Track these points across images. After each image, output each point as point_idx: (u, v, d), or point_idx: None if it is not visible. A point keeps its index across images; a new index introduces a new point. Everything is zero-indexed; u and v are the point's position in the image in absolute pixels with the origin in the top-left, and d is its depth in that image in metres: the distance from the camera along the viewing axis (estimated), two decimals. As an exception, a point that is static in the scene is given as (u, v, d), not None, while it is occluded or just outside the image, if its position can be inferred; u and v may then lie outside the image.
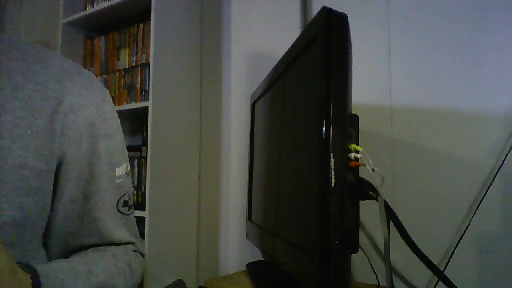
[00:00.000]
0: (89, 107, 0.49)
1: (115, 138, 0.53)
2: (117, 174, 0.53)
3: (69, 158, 0.48)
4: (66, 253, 0.53)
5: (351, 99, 0.58)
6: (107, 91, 0.55)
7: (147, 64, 1.29)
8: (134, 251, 0.57)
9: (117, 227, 0.54)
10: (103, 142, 0.51)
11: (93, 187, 0.51)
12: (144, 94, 1.30)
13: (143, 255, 0.59)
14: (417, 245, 0.68)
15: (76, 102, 0.48)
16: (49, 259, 0.53)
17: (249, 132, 1.17)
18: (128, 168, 0.57)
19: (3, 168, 0.42)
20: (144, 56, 1.31)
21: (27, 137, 0.44)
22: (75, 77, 0.49)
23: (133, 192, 0.59)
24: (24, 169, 0.43)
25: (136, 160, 1.33)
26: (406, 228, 0.66)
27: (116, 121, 0.55)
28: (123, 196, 0.55)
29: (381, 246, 0.94)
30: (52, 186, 0.48)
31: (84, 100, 0.49)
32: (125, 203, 0.56)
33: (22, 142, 0.43)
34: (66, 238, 0.52)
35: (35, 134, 0.44)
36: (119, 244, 0.55)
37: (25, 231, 0.46)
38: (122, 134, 0.56)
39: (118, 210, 0.54)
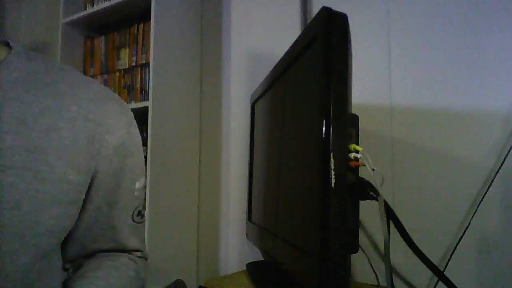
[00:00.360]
0: (121, 130, 0.55)
1: (137, 156, 0.59)
2: (136, 187, 0.59)
3: (101, 173, 0.54)
4: (81, 255, 0.58)
5: (351, 99, 0.58)
6: (132, 113, 0.60)
7: (147, 64, 1.29)
8: (140, 257, 0.63)
9: (130, 236, 0.60)
10: (129, 159, 0.57)
11: (116, 198, 0.56)
12: (144, 94, 1.30)
13: (146, 259, 0.65)
14: (417, 245, 0.68)
15: (111, 124, 0.54)
16: (64, 259, 0.57)
17: (249, 132, 1.17)
18: (145, 182, 0.62)
19: (48, 182, 0.46)
20: (144, 56, 1.31)
21: (70, 155, 0.49)
22: (111, 102, 0.55)
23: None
24: (65, 183, 0.48)
25: (136, 160, 1.33)
26: (406, 228, 0.66)
27: (139, 140, 0.61)
28: (138, 206, 0.61)
29: (381, 246, 0.94)
30: (84, 197, 0.53)
31: (117, 123, 0.55)
32: (139, 213, 0.61)
33: (66, 159, 0.48)
34: (85, 242, 0.57)
35: (77, 152, 0.49)
36: (130, 250, 0.61)
37: (56, 238, 0.51)
38: (142, 151, 0.63)
39: (133, 219, 0.60)
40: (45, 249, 0.49)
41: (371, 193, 0.59)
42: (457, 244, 0.83)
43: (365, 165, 0.57)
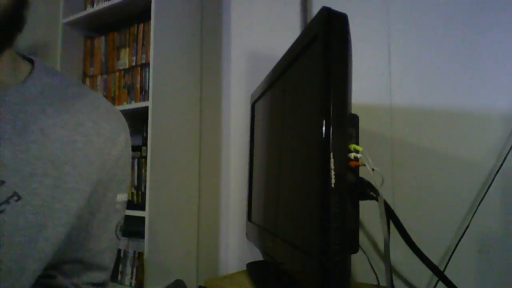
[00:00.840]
0: (121, 144, 0.59)
1: (126, 170, 0.62)
2: (117, 200, 0.61)
3: (101, 182, 0.56)
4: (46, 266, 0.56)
5: (351, 99, 0.58)
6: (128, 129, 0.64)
7: (147, 64, 1.29)
8: (99, 285, 0.61)
9: (106, 250, 0.60)
10: (119, 172, 0.60)
11: (99, 207, 0.58)
12: (144, 94, 1.30)
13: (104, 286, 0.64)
14: (417, 245, 0.68)
15: (116, 139, 0.58)
16: None
17: (249, 132, 1.17)
18: (126, 199, 0.63)
19: (62, 189, 0.49)
20: (144, 56, 1.31)
21: (83, 166, 0.52)
22: (117, 118, 0.60)
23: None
24: (76, 192, 0.51)
25: (136, 160, 1.33)
26: (406, 228, 0.66)
27: (130, 157, 0.64)
28: (120, 221, 0.62)
29: (381, 246, 0.94)
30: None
31: (120, 138, 0.59)
32: (121, 228, 0.62)
33: (79, 169, 0.52)
34: (58, 249, 0.55)
35: (88, 164, 0.53)
36: (99, 267, 0.59)
37: (57, 245, 0.52)
38: (131, 166, 0.65)
39: (116, 234, 0.60)
40: (50, 256, 0.50)
41: (371, 193, 0.59)
42: (457, 244, 0.83)
43: (365, 165, 0.57)
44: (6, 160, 0.45)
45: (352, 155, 0.56)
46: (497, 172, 0.81)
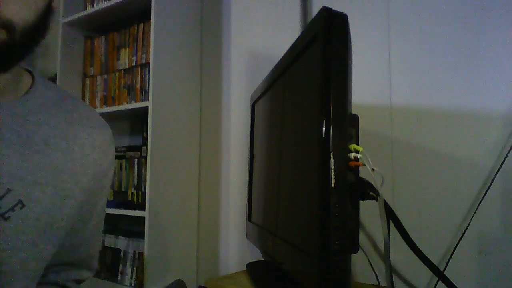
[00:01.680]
0: (111, 154, 0.63)
1: (111, 180, 0.66)
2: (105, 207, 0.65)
3: (92, 191, 0.59)
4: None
5: (351, 99, 0.58)
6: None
7: (147, 64, 1.29)
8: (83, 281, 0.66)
9: (95, 255, 0.65)
10: (107, 181, 0.63)
11: (91, 215, 0.61)
12: (144, 94, 1.30)
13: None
14: (417, 245, 0.68)
15: (106, 150, 0.61)
16: None
17: (249, 132, 1.17)
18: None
19: (59, 197, 0.52)
20: (144, 56, 1.31)
21: (79, 175, 0.55)
22: (107, 131, 0.63)
23: None
24: (72, 199, 0.54)
25: (136, 160, 1.33)
26: (406, 228, 0.66)
27: (115, 165, 0.70)
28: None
29: (381, 246, 0.94)
30: None
31: (110, 149, 0.62)
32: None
33: (76, 179, 0.55)
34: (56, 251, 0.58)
35: (84, 173, 0.56)
36: (89, 268, 0.65)
37: (56, 248, 0.55)
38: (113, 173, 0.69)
39: (103, 238, 0.65)
40: (50, 258, 0.53)
41: (371, 193, 0.59)
42: (457, 244, 0.83)
43: (365, 165, 0.57)
44: (13, 169, 0.48)
45: (352, 155, 0.56)
46: (497, 172, 0.81)
